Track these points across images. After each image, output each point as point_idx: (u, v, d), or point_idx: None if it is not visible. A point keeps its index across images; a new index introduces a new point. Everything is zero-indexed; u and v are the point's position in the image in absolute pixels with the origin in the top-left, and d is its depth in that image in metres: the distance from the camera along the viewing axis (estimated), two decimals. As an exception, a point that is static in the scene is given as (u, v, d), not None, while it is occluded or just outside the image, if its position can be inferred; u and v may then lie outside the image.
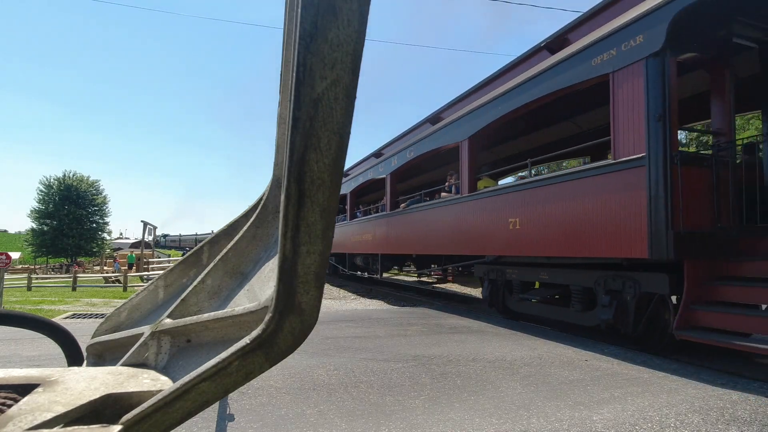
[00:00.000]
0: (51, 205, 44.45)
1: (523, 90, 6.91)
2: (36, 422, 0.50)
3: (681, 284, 4.83)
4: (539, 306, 7.39)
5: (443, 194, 9.84)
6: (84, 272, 29.74)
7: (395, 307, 11.04)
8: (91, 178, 47.84)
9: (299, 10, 0.44)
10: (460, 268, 10.83)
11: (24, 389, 0.58)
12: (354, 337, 6.20)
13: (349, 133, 0.48)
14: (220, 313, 0.68)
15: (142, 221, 26.98)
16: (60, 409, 0.53)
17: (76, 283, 16.17)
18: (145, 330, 0.78)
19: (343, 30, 0.44)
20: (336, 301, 12.49)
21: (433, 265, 11.91)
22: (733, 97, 5.44)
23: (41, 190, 45.20)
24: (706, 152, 6.62)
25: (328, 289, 16.43)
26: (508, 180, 11.67)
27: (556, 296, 7.17)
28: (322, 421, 3.15)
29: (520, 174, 10.39)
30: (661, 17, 4.76)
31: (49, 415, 0.52)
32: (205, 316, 0.71)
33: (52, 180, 45.64)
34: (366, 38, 0.47)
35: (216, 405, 3.37)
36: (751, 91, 6.41)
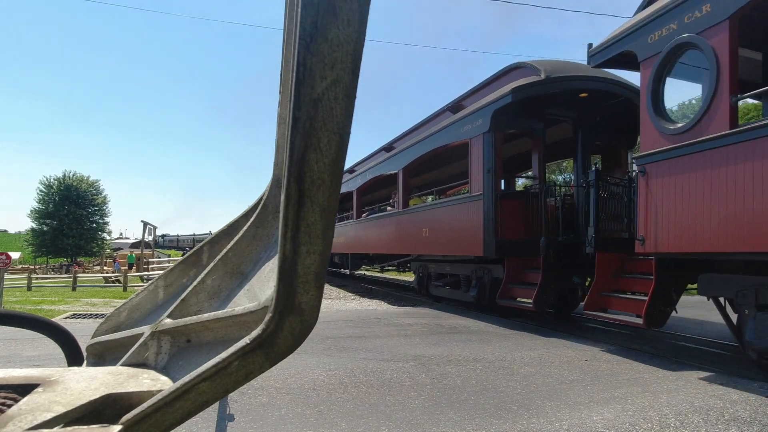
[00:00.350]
0: (51, 205, 44.44)
1: (431, 140, 10.30)
2: (36, 422, 0.50)
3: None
4: (447, 290, 10.53)
5: (389, 208, 13.57)
6: (84, 272, 29.75)
7: (395, 307, 11.03)
8: (91, 178, 47.85)
9: (299, 10, 0.44)
10: (408, 265, 13.92)
11: (24, 389, 0.58)
12: (354, 337, 6.20)
13: (349, 133, 0.48)
14: (220, 313, 0.68)
15: (142, 221, 26.98)
16: (60, 409, 0.53)
17: (76, 283, 16.17)
18: (145, 330, 0.78)
19: (343, 30, 0.45)
20: (336, 301, 12.49)
21: (385, 263, 15.17)
22: (545, 154, 8.91)
23: (41, 190, 45.18)
24: (520, 190, 10.39)
25: (328, 289, 16.42)
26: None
27: (455, 282, 10.38)
28: (322, 421, 3.15)
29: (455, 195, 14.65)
30: (486, 112, 8.09)
31: (49, 415, 0.52)
32: (205, 316, 0.71)
33: (52, 180, 45.62)
34: (366, 38, 0.47)
35: (216, 405, 3.37)
36: (568, 147, 9.90)
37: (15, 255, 33.29)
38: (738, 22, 4.49)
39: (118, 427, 0.53)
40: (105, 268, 33.12)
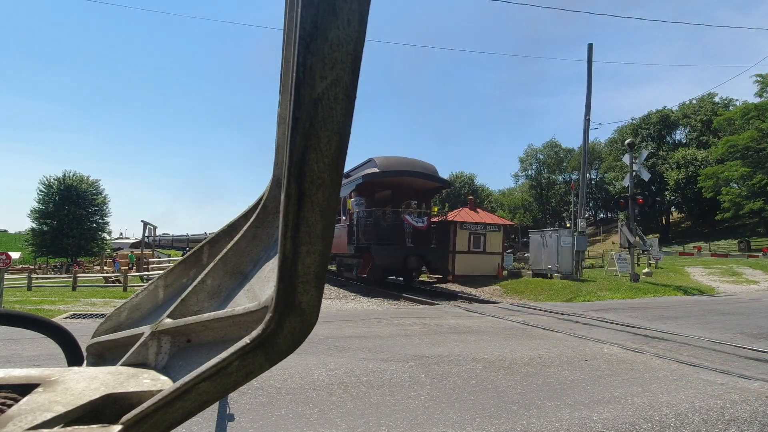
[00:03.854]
0: (51, 205, 44.47)
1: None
2: (36, 422, 0.50)
3: None
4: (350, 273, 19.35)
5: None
6: (84, 272, 29.75)
7: (395, 307, 11.04)
8: (91, 178, 47.89)
9: (299, 10, 0.45)
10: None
11: (24, 389, 0.59)
12: (354, 337, 6.20)
13: (349, 133, 0.48)
14: (220, 313, 0.68)
15: (142, 221, 27.03)
16: (60, 409, 0.54)
17: (76, 283, 16.17)
18: (145, 330, 0.77)
19: (343, 30, 0.45)
20: (336, 301, 12.49)
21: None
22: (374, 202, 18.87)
23: (41, 190, 45.22)
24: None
25: (328, 289, 16.42)
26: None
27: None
28: (322, 421, 3.15)
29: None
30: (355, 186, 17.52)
31: (49, 415, 0.52)
32: (205, 315, 0.71)
33: (52, 180, 45.65)
34: (367, 38, 0.47)
35: (216, 405, 3.37)
36: (389, 200, 21.02)
37: (15, 255, 33.27)
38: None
39: (118, 427, 0.52)
40: (105, 268, 33.13)
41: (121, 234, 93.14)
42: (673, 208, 51.02)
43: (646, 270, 18.12)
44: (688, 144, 51.58)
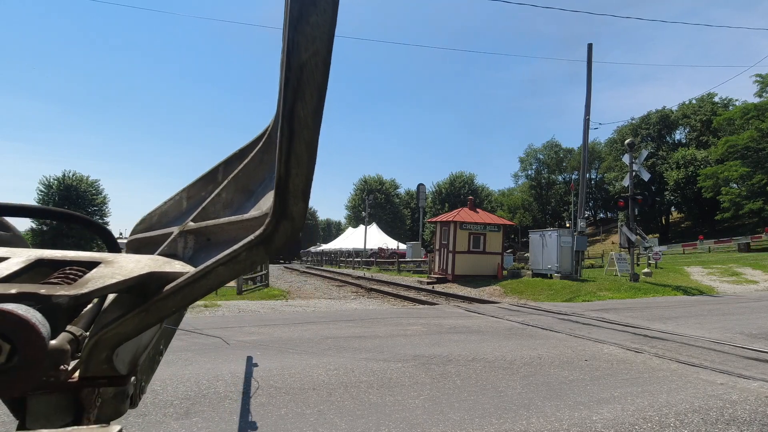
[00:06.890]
0: (51, 205, 44.47)
1: None
2: (106, 284, 0.72)
3: None
4: None
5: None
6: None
7: (395, 307, 11.04)
8: (90, 178, 47.95)
9: (289, 1, 0.62)
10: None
11: (90, 265, 0.80)
12: (354, 336, 6.19)
13: (326, 88, 0.66)
14: (232, 218, 0.91)
15: (141, 221, 27.25)
16: (119, 278, 0.74)
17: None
18: (174, 230, 1.00)
19: (321, 16, 0.62)
20: (336, 301, 12.47)
21: None
22: None
23: (41, 190, 45.31)
24: None
25: (328, 289, 16.41)
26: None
27: None
28: (322, 421, 3.14)
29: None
30: None
31: (112, 281, 0.73)
32: (221, 219, 0.94)
33: (52, 180, 45.73)
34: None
35: (237, 413, 3.38)
36: None
37: (15, 255, 33.16)
38: None
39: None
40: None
41: (120, 234, 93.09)
42: (672, 208, 51.09)
43: (645, 270, 18.11)
44: (688, 144, 51.65)
